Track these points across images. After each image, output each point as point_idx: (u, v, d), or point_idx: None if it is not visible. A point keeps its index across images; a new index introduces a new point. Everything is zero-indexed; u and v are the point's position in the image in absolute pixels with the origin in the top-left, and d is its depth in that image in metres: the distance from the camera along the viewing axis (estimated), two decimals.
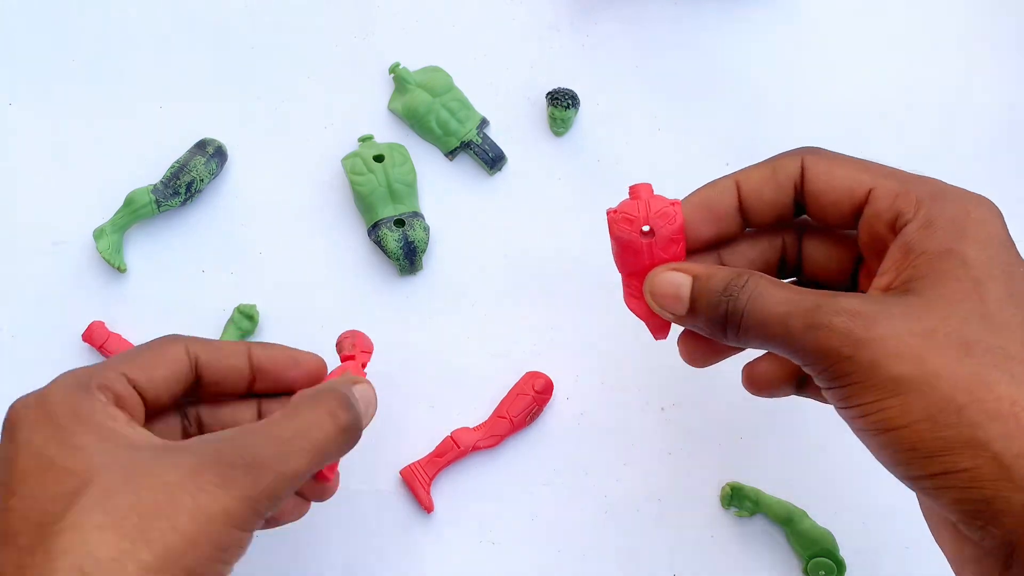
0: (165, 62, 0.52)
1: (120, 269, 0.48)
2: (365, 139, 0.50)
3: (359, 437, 0.36)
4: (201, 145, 0.50)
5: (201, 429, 0.39)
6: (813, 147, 0.36)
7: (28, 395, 0.33)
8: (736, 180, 0.36)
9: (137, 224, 0.50)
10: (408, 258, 0.48)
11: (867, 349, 0.30)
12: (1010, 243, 0.33)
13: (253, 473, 0.31)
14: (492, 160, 0.50)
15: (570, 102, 0.50)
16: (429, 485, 0.46)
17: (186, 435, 0.38)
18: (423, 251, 0.48)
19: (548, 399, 0.47)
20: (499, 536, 0.46)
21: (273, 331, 0.49)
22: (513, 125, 0.51)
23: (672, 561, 0.45)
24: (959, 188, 0.34)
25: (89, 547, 0.28)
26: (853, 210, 0.35)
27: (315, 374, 0.40)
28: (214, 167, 0.49)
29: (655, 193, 0.37)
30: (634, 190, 0.37)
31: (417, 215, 0.49)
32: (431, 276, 0.49)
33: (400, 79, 0.50)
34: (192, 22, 0.53)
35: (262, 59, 0.52)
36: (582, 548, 0.46)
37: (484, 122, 0.51)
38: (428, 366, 0.48)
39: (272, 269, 0.49)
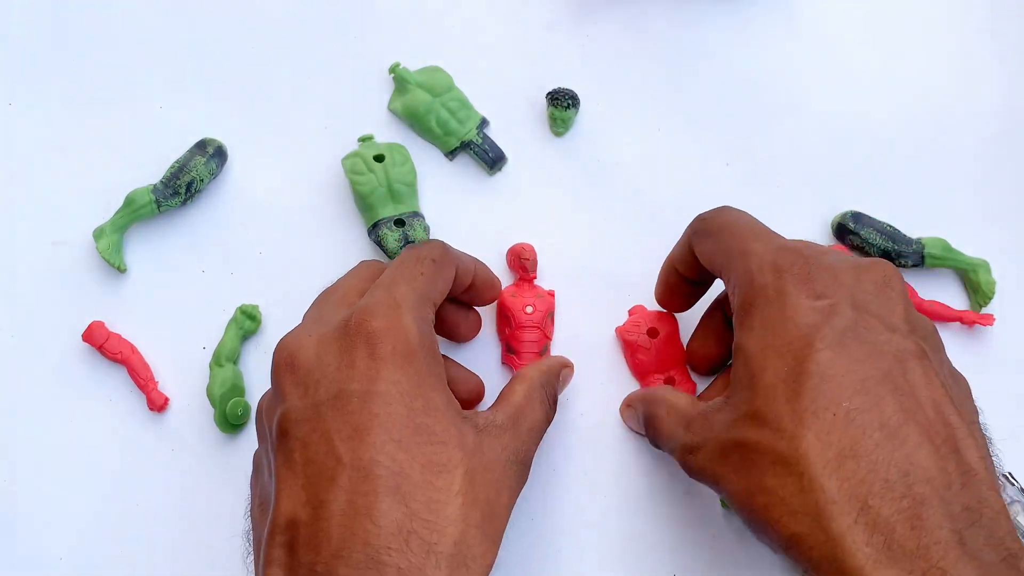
0: (165, 62, 0.52)
1: (120, 269, 0.48)
2: (365, 139, 0.50)
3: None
4: (201, 145, 0.50)
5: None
6: (700, 219, 0.41)
7: (383, 315, 0.35)
8: (671, 262, 0.44)
9: (137, 224, 0.50)
10: None
11: (703, 478, 0.37)
12: (800, 312, 0.34)
13: (524, 467, 0.37)
14: (492, 160, 0.50)
15: (570, 102, 0.50)
16: None
17: None
18: None
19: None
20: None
21: (273, 331, 0.49)
22: (513, 125, 0.51)
23: (672, 561, 0.45)
24: (766, 259, 0.36)
25: (469, 542, 0.32)
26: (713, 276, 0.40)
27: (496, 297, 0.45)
28: (214, 167, 0.49)
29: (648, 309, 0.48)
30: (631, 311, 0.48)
31: (417, 215, 0.49)
32: None
33: (400, 79, 0.51)
34: (192, 22, 0.53)
35: (262, 59, 0.52)
36: (582, 548, 0.46)
37: (484, 122, 0.51)
38: None
39: (272, 269, 0.49)
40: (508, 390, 0.40)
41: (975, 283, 0.48)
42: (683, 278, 0.43)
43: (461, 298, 0.43)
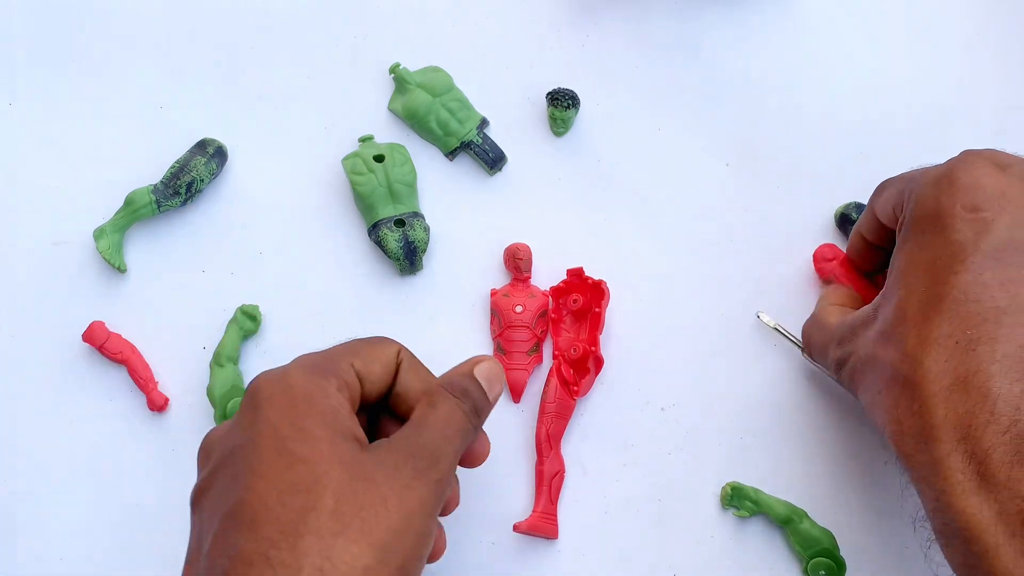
0: (165, 62, 0.52)
1: (120, 269, 0.48)
2: (365, 139, 0.50)
3: (487, 413, 0.39)
4: (201, 145, 0.50)
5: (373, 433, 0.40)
6: (881, 183, 0.42)
7: (273, 370, 0.36)
8: (857, 230, 0.44)
9: (137, 224, 0.50)
10: (408, 258, 0.48)
11: (841, 376, 0.39)
12: (952, 223, 0.34)
13: (434, 461, 0.35)
14: (492, 160, 0.50)
15: (570, 102, 0.50)
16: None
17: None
18: (423, 251, 0.48)
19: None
20: (499, 536, 0.46)
21: (273, 331, 0.49)
22: (513, 125, 0.51)
23: (672, 561, 0.45)
24: (936, 170, 0.36)
25: (328, 553, 0.31)
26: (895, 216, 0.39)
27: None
28: (214, 167, 0.49)
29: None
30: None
31: (417, 215, 0.49)
32: (431, 276, 0.49)
33: (400, 79, 0.50)
34: (192, 22, 0.53)
35: (262, 59, 0.52)
36: (582, 548, 0.46)
37: (484, 122, 0.51)
38: (428, 366, 0.48)
39: (272, 269, 0.49)
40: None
41: None
42: (869, 244, 0.44)
43: None
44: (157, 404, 0.47)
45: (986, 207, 0.34)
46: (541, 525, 0.45)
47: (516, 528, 0.44)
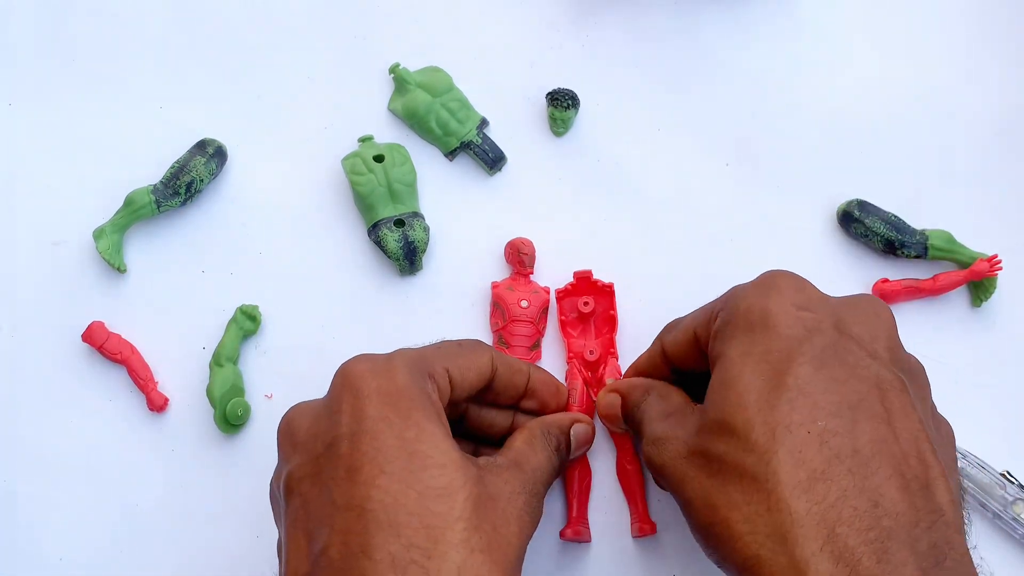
0: (165, 62, 0.52)
1: (120, 269, 0.48)
2: (365, 139, 0.50)
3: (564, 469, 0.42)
4: (201, 145, 0.50)
5: (461, 420, 0.41)
6: (671, 322, 0.42)
7: (368, 360, 0.35)
8: (635, 368, 0.44)
9: (137, 224, 0.50)
10: (408, 258, 0.48)
11: (663, 476, 0.36)
12: (783, 320, 0.34)
13: (537, 499, 0.36)
14: (492, 160, 0.50)
15: (570, 102, 0.50)
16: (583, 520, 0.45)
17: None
18: (423, 251, 0.48)
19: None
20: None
21: (273, 331, 0.49)
22: (513, 125, 0.51)
23: (672, 561, 0.45)
24: (753, 281, 0.36)
25: (474, 568, 0.31)
26: (697, 347, 0.38)
27: (565, 405, 0.44)
28: (214, 167, 0.49)
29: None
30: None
31: (417, 215, 0.49)
32: (431, 276, 0.49)
33: (400, 79, 0.51)
34: (192, 22, 0.53)
35: (262, 59, 0.52)
36: (582, 548, 0.46)
37: (484, 122, 0.51)
38: None
39: (272, 269, 0.49)
40: (509, 439, 0.39)
41: None
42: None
43: (527, 406, 0.42)
44: (157, 404, 0.47)
45: (814, 308, 0.34)
46: (583, 532, 0.45)
47: (562, 535, 0.44)
